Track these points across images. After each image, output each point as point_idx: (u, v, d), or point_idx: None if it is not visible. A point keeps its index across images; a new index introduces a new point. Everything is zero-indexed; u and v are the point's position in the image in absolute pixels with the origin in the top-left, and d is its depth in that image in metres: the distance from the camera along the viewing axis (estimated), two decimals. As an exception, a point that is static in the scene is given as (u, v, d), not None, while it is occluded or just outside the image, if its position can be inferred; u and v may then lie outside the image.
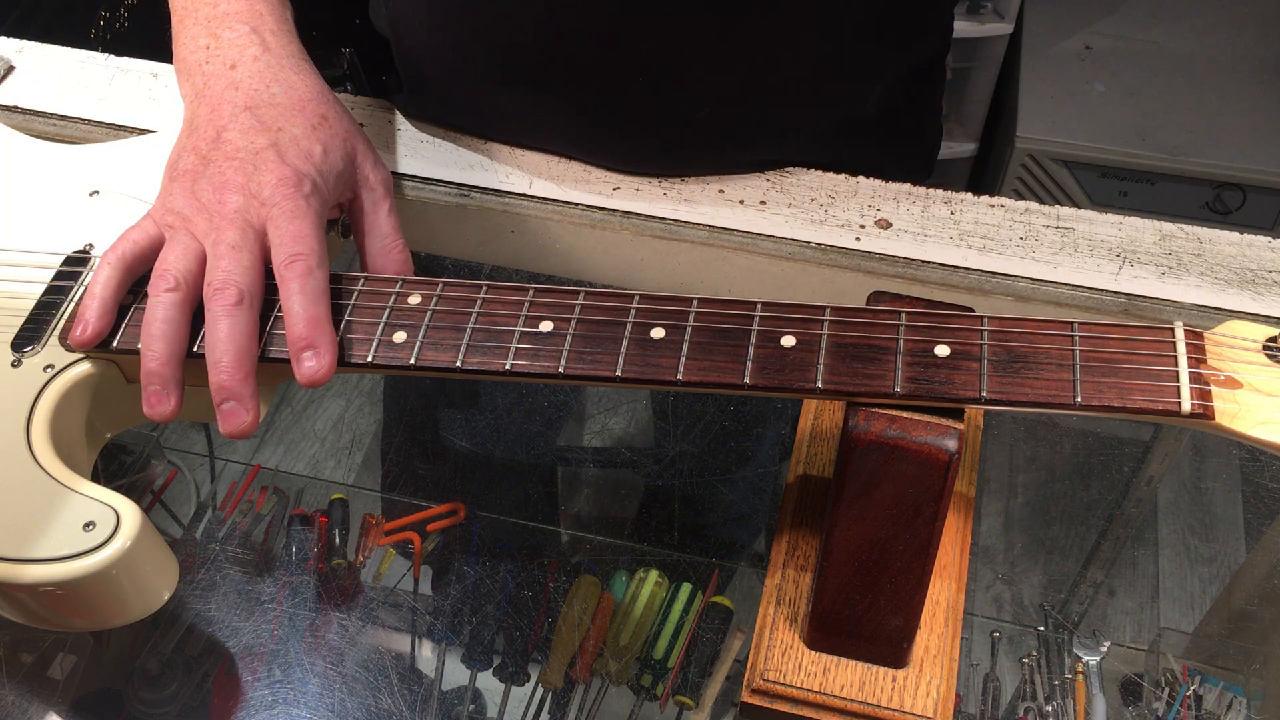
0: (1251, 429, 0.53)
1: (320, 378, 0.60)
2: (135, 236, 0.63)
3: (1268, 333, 0.55)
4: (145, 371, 0.60)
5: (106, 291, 0.62)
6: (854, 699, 0.63)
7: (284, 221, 0.61)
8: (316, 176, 0.64)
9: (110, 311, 0.62)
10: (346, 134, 0.67)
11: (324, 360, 0.59)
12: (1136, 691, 0.77)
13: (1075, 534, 0.88)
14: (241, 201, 0.62)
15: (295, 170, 0.63)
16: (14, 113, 0.88)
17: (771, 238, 0.80)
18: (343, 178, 0.66)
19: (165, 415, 0.61)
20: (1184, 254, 0.79)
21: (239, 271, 0.60)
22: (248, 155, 0.63)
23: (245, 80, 0.66)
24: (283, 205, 0.61)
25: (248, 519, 0.86)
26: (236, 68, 0.67)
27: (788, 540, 0.69)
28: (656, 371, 0.58)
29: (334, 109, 0.68)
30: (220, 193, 0.62)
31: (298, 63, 0.68)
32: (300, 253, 0.61)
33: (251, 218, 0.62)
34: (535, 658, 0.79)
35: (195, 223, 0.62)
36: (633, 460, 0.96)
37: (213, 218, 0.62)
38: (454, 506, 0.86)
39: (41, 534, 0.58)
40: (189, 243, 0.62)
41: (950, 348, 0.56)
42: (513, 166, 0.85)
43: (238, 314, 0.60)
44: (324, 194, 0.64)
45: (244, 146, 0.64)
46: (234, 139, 0.64)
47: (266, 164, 0.63)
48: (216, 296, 0.60)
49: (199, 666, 0.77)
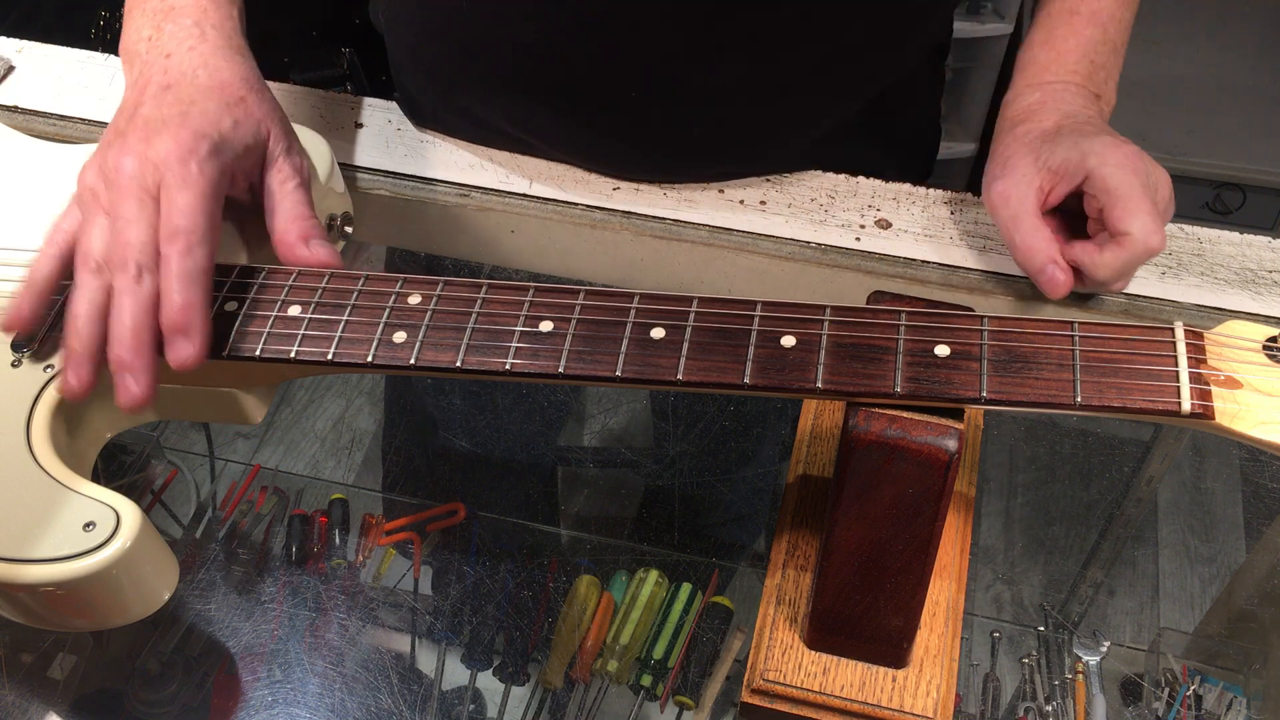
0: (1251, 429, 0.53)
1: (189, 363, 0.60)
2: (63, 224, 0.64)
3: (1268, 333, 0.55)
4: (67, 350, 0.61)
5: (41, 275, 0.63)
6: (854, 699, 0.63)
7: (174, 190, 0.61)
8: (218, 139, 0.64)
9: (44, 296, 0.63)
10: (263, 116, 0.68)
11: (194, 346, 0.60)
12: (1136, 691, 0.77)
13: (1075, 534, 0.88)
14: (135, 166, 0.62)
15: (194, 133, 0.63)
16: (14, 113, 0.88)
17: (771, 238, 0.80)
18: (253, 152, 0.67)
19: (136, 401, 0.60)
20: (1184, 254, 0.79)
21: (135, 246, 0.60)
22: (154, 124, 0.64)
23: (174, 66, 0.68)
24: (174, 170, 0.62)
25: (248, 519, 0.86)
26: (171, 56, 0.68)
27: (788, 540, 0.69)
28: (656, 371, 0.58)
29: (255, 94, 0.68)
30: (119, 158, 0.63)
31: (230, 53, 0.69)
32: (180, 228, 0.60)
33: (147, 183, 0.62)
34: (535, 658, 0.79)
35: (101, 196, 0.63)
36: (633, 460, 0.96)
37: (112, 187, 0.62)
38: (454, 506, 0.86)
39: (42, 534, 0.58)
40: (100, 220, 0.62)
41: (950, 348, 0.56)
42: (513, 167, 0.85)
43: (136, 289, 0.60)
44: (225, 160, 0.64)
45: (153, 117, 0.65)
46: (146, 112, 0.65)
47: (168, 129, 0.63)
48: (118, 274, 0.60)
49: (199, 666, 0.77)
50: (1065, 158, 0.69)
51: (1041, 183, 0.70)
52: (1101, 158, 0.68)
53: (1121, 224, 0.67)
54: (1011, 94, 0.78)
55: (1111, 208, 0.67)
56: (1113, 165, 0.67)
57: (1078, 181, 0.69)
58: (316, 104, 0.89)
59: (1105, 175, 0.67)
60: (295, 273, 0.65)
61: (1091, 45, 0.77)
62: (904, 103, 0.89)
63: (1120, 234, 0.67)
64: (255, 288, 0.65)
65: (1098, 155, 0.68)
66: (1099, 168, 0.68)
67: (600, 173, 0.84)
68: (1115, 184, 0.67)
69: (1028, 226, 0.70)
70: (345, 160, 0.85)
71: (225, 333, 0.63)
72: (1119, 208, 0.67)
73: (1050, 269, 0.69)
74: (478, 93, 0.82)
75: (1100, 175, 0.68)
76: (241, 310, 0.64)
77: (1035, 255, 0.69)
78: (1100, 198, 0.68)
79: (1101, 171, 0.68)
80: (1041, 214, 0.71)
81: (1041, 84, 0.77)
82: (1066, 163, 0.69)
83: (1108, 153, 0.68)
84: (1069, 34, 0.77)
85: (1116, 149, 0.68)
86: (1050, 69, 0.77)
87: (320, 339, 0.62)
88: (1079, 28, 0.77)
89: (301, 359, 0.62)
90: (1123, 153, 0.68)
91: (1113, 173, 0.67)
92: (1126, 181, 0.67)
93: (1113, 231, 0.68)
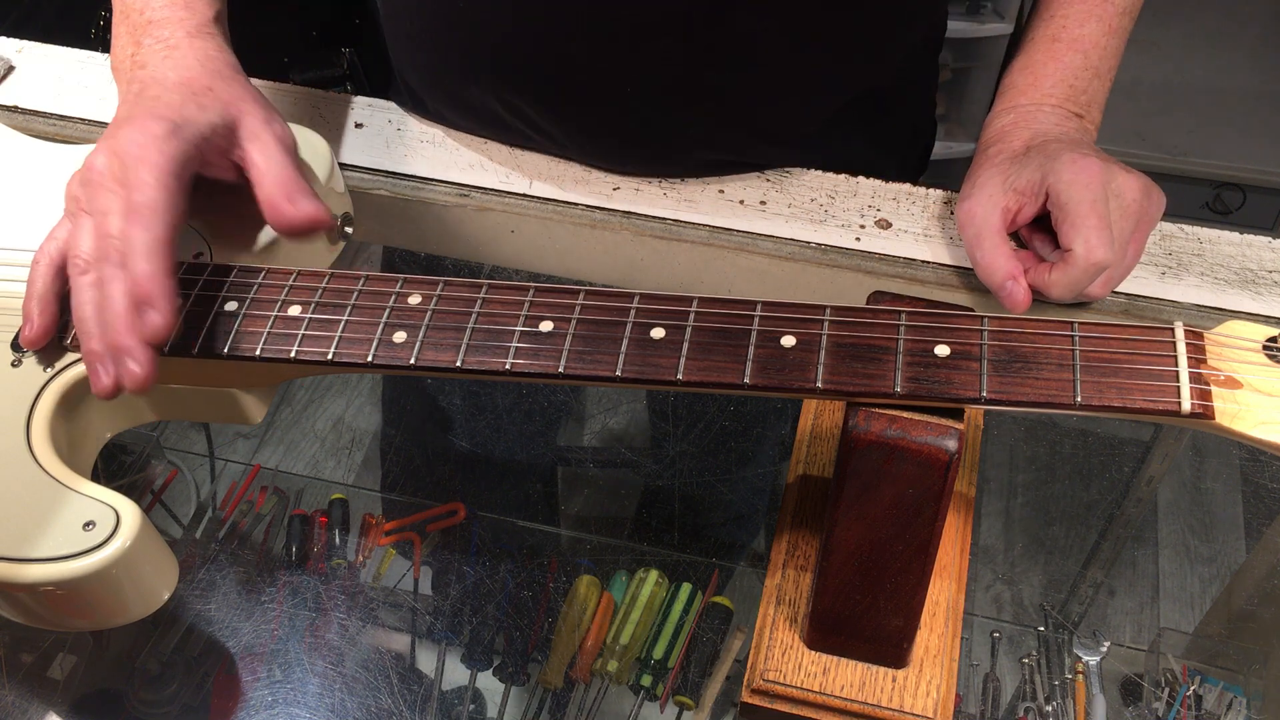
0: (1251, 429, 0.53)
1: (160, 333, 0.60)
2: (57, 232, 0.65)
3: (1268, 333, 0.55)
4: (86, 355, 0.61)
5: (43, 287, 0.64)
6: (854, 699, 0.63)
7: (132, 171, 0.62)
8: (179, 120, 0.65)
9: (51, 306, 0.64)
10: (231, 99, 0.68)
11: (162, 316, 0.60)
12: (1136, 691, 0.77)
13: (1075, 534, 0.88)
14: (105, 161, 0.63)
15: (153, 117, 0.64)
16: (14, 113, 0.88)
17: (771, 238, 0.80)
18: (220, 132, 0.67)
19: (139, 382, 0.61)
20: (1184, 254, 0.79)
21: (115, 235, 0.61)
22: (121, 121, 0.66)
23: (148, 74, 0.70)
24: (133, 153, 0.63)
25: (248, 519, 0.86)
26: (146, 67, 0.70)
27: (788, 540, 0.69)
28: (656, 371, 0.58)
29: (224, 81, 0.69)
30: (92, 158, 0.64)
31: (204, 52, 0.71)
32: (138, 203, 0.61)
33: (117, 173, 0.63)
34: (535, 658, 0.79)
35: (82, 199, 0.64)
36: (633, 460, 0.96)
37: (88, 185, 0.63)
38: (454, 506, 0.86)
39: (41, 534, 0.58)
40: (85, 221, 0.63)
41: (950, 348, 0.56)
42: (513, 167, 0.85)
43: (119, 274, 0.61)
44: (186, 138, 0.64)
45: (121, 116, 0.67)
46: (119, 116, 0.67)
47: (133, 121, 0.65)
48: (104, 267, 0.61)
49: (199, 666, 0.77)
50: (1029, 179, 0.71)
51: (1008, 203, 0.71)
52: (1058, 175, 0.69)
53: (1066, 241, 0.68)
54: (989, 117, 0.80)
55: (1060, 223, 0.69)
56: (1066, 182, 0.68)
57: (1042, 200, 0.70)
58: (316, 104, 0.89)
59: (1059, 192, 0.68)
60: (295, 273, 0.65)
61: (1071, 71, 0.77)
62: (900, 99, 0.89)
63: (1065, 251, 0.68)
64: (255, 288, 0.65)
65: (1055, 173, 0.69)
66: (1055, 185, 0.69)
67: (597, 167, 0.84)
68: (1065, 200, 0.68)
69: (989, 245, 0.71)
70: (345, 160, 0.85)
71: (225, 332, 0.63)
72: (1066, 224, 0.68)
73: (1009, 285, 0.70)
74: (473, 83, 0.82)
75: (1055, 192, 0.69)
76: (242, 310, 0.64)
77: (994, 272, 0.71)
78: (1055, 214, 0.69)
79: (1056, 188, 0.69)
80: (1007, 233, 0.72)
81: (1016, 106, 0.78)
82: (1030, 183, 0.70)
83: (1064, 169, 0.69)
84: (1048, 59, 0.78)
85: (1074, 164, 0.69)
86: (1026, 92, 0.78)
87: (320, 339, 0.62)
88: (1059, 54, 0.78)
89: (301, 359, 0.62)
90: (1078, 167, 0.68)
91: (1065, 189, 0.68)
92: (1076, 197, 0.68)
93: (1063, 249, 0.68)
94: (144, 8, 0.72)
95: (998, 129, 0.78)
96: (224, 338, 0.63)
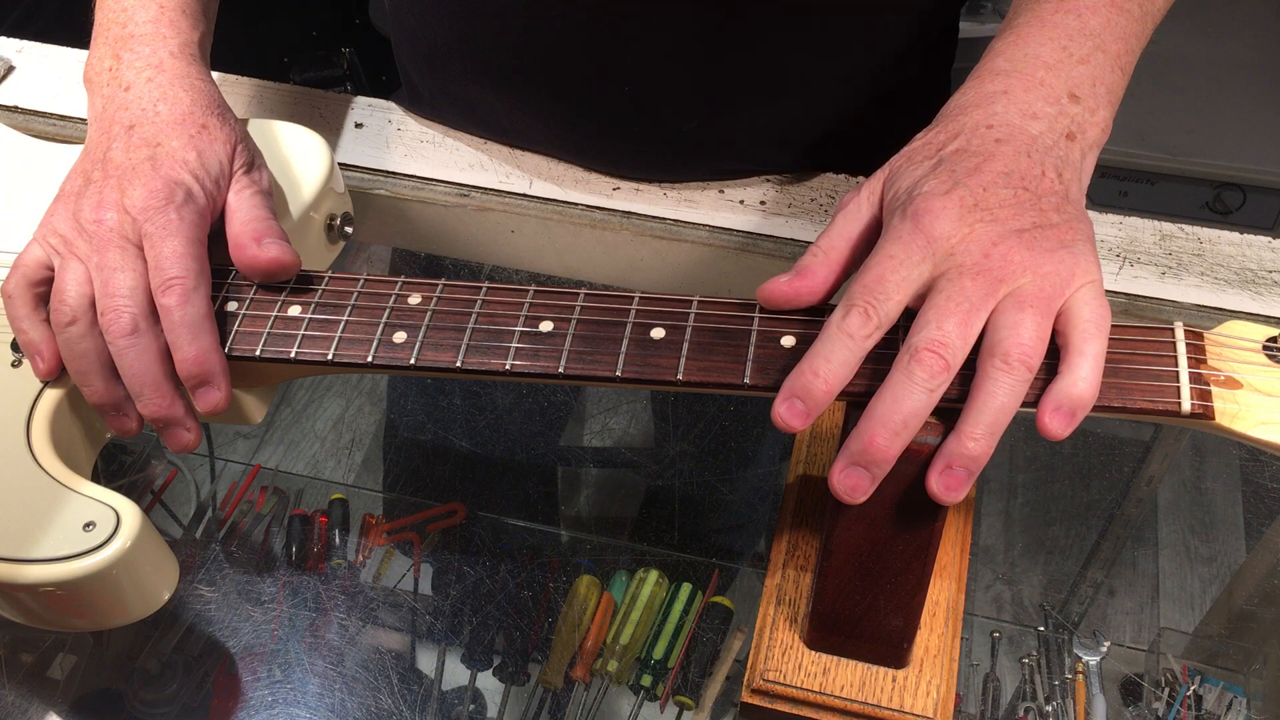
0: (1251, 429, 0.53)
1: (219, 406, 0.62)
2: (27, 261, 0.65)
3: (1268, 333, 0.55)
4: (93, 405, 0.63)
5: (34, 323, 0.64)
6: (854, 699, 0.63)
7: (157, 240, 0.62)
8: (191, 182, 0.65)
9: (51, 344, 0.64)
10: (225, 138, 0.68)
11: (220, 391, 0.62)
12: (1136, 691, 0.77)
13: (1075, 534, 0.88)
14: (116, 219, 0.63)
15: (166, 181, 0.64)
16: (14, 113, 0.88)
17: (771, 238, 0.80)
18: (220, 182, 0.67)
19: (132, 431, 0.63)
20: (1184, 254, 0.79)
21: (125, 295, 0.61)
22: (125, 171, 0.65)
23: (134, 101, 0.68)
24: (154, 220, 0.62)
25: (248, 519, 0.86)
26: (130, 89, 0.69)
27: (788, 540, 0.69)
28: (656, 371, 0.58)
29: (216, 118, 0.69)
30: (97, 211, 0.63)
31: (190, 81, 0.70)
32: (174, 276, 0.61)
33: (128, 233, 0.63)
34: (535, 658, 0.79)
35: (77, 245, 0.63)
36: (633, 460, 0.96)
37: (92, 239, 0.63)
38: (454, 506, 0.86)
39: (42, 534, 0.58)
40: (76, 267, 0.63)
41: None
42: (513, 166, 0.85)
43: (137, 341, 0.61)
44: (200, 200, 0.65)
45: (122, 163, 0.65)
46: (115, 157, 0.66)
47: (140, 178, 0.64)
48: (112, 327, 0.61)
49: (199, 666, 0.77)
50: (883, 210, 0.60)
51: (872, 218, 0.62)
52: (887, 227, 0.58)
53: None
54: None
55: None
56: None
57: None
58: (316, 104, 0.89)
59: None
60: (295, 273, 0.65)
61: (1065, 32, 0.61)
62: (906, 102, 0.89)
63: None
64: (255, 288, 0.65)
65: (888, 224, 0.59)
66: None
67: (598, 170, 0.84)
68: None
69: (829, 246, 0.61)
70: (345, 160, 0.85)
71: (225, 333, 0.63)
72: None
73: (772, 282, 0.60)
74: (475, 83, 0.82)
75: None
76: (242, 310, 0.64)
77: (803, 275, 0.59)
78: None
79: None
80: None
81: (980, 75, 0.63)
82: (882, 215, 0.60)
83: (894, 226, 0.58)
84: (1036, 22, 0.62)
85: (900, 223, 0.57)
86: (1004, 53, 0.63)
87: (320, 339, 0.62)
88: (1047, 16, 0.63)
89: (301, 359, 0.62)
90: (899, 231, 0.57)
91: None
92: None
93: None
94: (126, 21, 0.71)
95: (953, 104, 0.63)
96: (224, 338, 0.63)
